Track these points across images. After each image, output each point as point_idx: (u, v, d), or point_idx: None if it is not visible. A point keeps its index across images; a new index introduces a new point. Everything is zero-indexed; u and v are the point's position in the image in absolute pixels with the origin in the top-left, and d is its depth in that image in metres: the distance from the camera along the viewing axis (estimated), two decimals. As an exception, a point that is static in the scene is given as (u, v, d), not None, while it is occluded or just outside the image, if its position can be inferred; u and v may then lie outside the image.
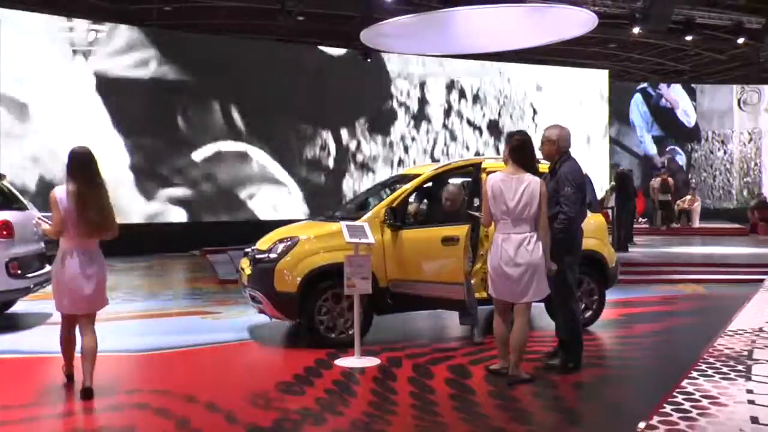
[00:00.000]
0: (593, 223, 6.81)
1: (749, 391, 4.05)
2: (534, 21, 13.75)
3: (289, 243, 6.14)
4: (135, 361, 5.77)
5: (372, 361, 5.46)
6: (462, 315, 6.19)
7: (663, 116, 25.31)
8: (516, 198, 4.73)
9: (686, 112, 25.60)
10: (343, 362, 5.45)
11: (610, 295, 7.55)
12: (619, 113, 24.28)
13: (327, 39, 18.52)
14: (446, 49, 16.92)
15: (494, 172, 5.28)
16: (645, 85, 25.46)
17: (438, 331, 7.20)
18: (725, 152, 25.71)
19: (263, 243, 6.46)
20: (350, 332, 5.82)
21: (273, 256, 6.11)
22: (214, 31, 17.18)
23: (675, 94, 25.65)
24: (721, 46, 22.62)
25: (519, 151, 4.88)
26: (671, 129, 25.42)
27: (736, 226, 21.01)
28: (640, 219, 19.84)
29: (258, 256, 6.29)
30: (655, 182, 20.00)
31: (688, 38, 19.52)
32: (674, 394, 4.01)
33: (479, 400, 4.54)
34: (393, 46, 16.11)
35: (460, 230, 6.09)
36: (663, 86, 25.42)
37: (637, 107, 25.18)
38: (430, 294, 6.14)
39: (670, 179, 19.93)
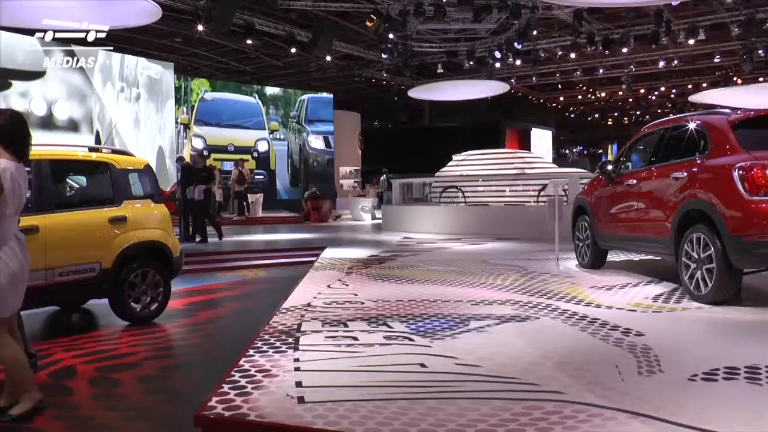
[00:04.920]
0: (158, 214, 6.82)
1: (296, 360, 4.44)
2: (94, 4, 13.03)
3: None
4: None
5: None
6: None
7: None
8: (26, 189, 4.09)
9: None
10: None
11: (177, 286, 7.62)
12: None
13: None
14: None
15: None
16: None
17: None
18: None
19: None
20: None
21: None
22: None
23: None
24: (278, 53, 24.55)
25: (11, 132, 4.00)
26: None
27: (293, 214, 23.16)
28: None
29: None
30: (233, 174, 20.84)
31: (249, 42, 20.72)
32: (232, 373, 4.16)
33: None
34: None
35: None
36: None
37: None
38: None
39: (244, 171, 20.96)
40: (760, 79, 28.30)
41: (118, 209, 6.42)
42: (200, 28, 18.39)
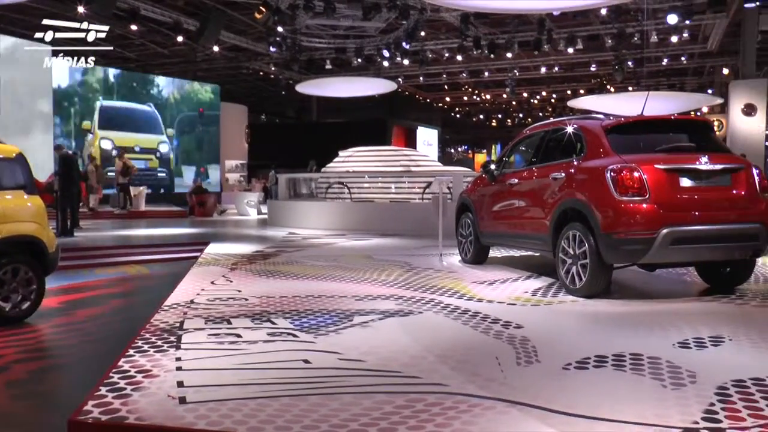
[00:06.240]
0: (32, 206, 6.44)
1: (178, 359, 4.32)
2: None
3: None
4: None
5: None
6: None
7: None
8: None
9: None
10: None
11: (51, 283, 7.22)
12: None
13: None
14: None
15: None
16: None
17: None
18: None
19: None
20: None
21: None
22: None
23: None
24: (164, 41, 23.75)
25: None
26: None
27: (178, 208, 22.50)
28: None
29: None
30: (117, 166, 19.98)
31: (134, 27, 19.91)
32: (110, 375, 3.98)
33: None
34: None
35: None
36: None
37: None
38: None
39: (128, 162, 20.14)
40: (630, 88, 30.19)
41: (-16, 201, 6.00)
42: (81, 10, 17.43)
